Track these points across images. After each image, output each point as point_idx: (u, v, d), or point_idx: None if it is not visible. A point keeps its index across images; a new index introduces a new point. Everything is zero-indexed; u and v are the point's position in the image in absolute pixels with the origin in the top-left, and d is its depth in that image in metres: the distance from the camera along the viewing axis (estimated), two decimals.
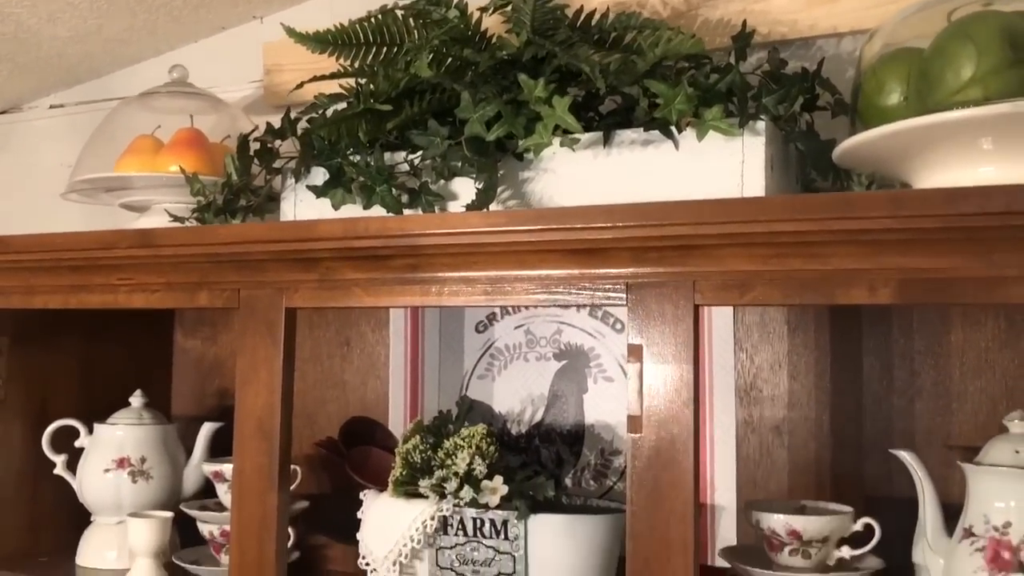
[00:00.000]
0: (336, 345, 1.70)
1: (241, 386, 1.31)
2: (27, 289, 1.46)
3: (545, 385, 1.54)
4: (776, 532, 1.11)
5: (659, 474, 1.06)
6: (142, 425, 1.55)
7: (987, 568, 1.02)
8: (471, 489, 1.21)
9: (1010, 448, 1.05)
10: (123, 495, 1.50)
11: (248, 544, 1.28)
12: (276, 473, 1.27)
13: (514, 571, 1.23)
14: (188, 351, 1.85)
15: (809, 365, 1.38)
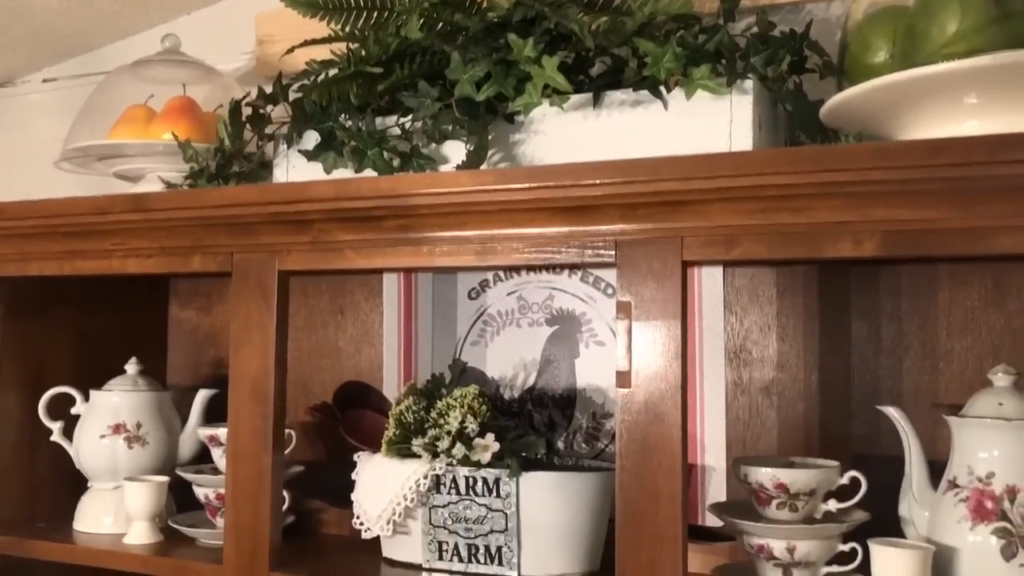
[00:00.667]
0: (330, 314, 1.71)
1: (235, 349, 1.32)
2: (22, 256, 1.47)
3: (537, 350, 1.55)
4: (764, 486, 1.13)
5: (648, 428, 1.08)
6: (137, 391, 1.56)
7: (970, 517, 1.04)
8: (463, 446, 1.22)
9: (994, 400, 1.07)
10: (119, 461, 1.52)
11: (243, 505, 1.29)
12: (270, 435, 1.29)
13: (506, 528, 1.24)
14: (183, 322, 1.86)
15: (798, 327, 1.39)
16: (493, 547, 1.25)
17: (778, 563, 1.12)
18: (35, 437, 1.59)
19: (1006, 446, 1.04)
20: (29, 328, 1.60)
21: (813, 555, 1.11)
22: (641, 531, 1.06)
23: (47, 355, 1.63)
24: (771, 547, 1.11)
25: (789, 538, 1.10)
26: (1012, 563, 1.01)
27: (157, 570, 1.38)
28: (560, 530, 1.25)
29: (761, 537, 1.12)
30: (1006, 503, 1.03)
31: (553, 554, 1.25)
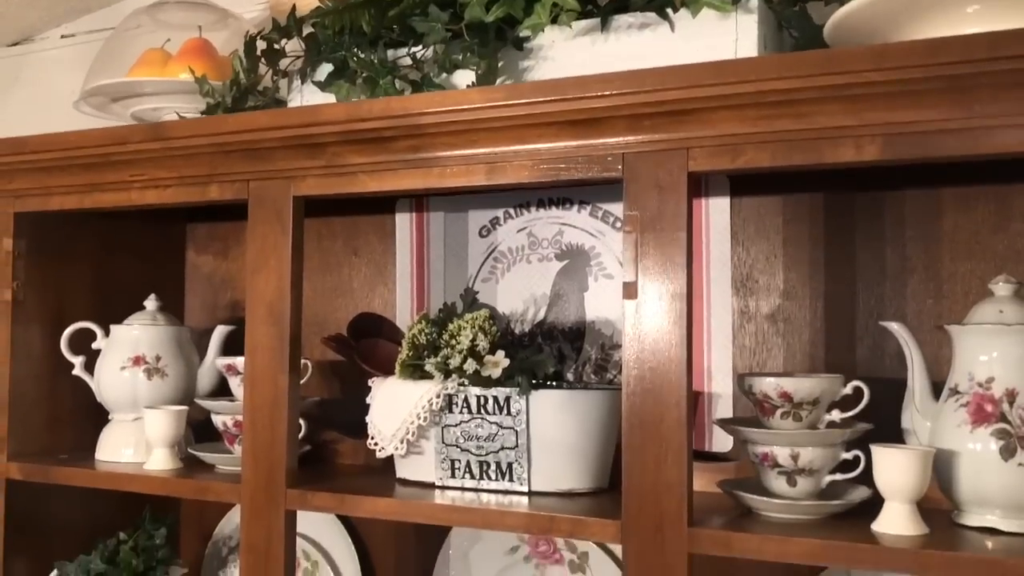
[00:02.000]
0: (344, 255, 1.74)
1: (251, 274, 1.35)
2: (43, 191, 1.51)
3: (547, 285, 1.58)
4: (768, 395, 1.15)
5: (654, 336, 1.10)
6: (156, 325, 1.59)
7: (970, 421, 1.06)
8: (474, 362, 1.25)
9: (994, 308, 1.09)
10: (139, 392, 1.55)
11: (261, 426, 1.33)
12: (287, 356, 1.32)
13: (516, 445, 1.27)
14: (199, 267, 1.89)
15: (803, 256, 1.41)
16: (504, 464, 1.28)
17: (782, 471, 1.14)
18: (57, 371, 1.63)
19: (1006, 350, 1.06)
20: (51, 266, 1.63)
21: (816, 462, 1.13)
22: (647, 436, 1.09)
23: (68, 293, 1.66)
24: (775, 455, 1.13)
25: (793, 444, 1.12)
26: (1011, 463, 1.03)
27: (177, 491, 1.42)
28: (569, 447, 1.28)
29: (765, 445, 1.14)
30: (1005, 405, 1.05)
31: (562, 470, 1.28)
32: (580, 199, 1.55)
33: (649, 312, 1.10)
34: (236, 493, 1.34)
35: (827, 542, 1.01)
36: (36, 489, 1.58)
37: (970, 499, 1.06)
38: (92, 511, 1.67)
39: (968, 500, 1.07)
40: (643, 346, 1.11)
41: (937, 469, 1.08)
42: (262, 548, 1.31)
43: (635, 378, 1.10)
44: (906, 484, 1.03)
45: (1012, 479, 1.03)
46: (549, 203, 1.58)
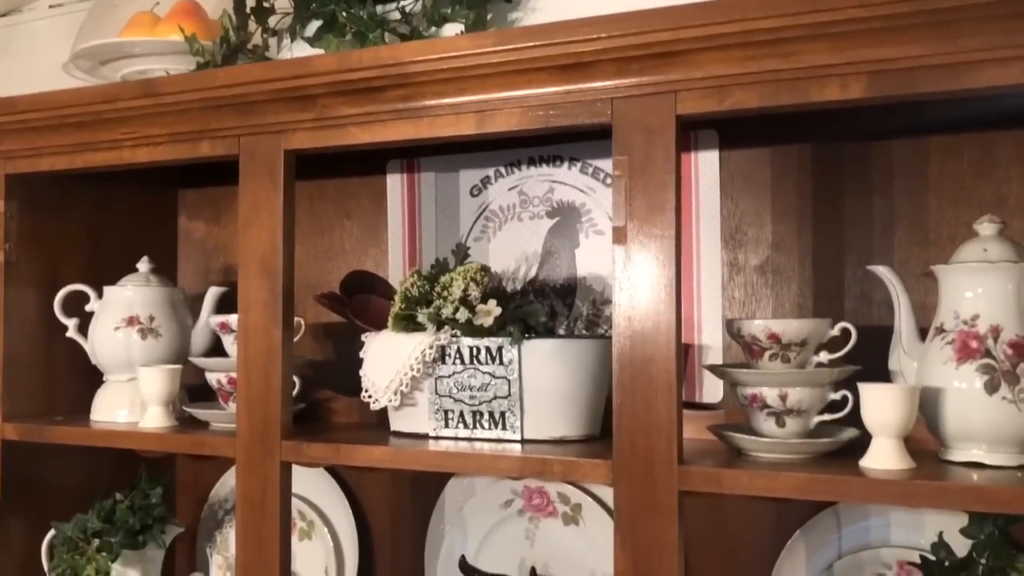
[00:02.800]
0: (336, 218, 1.75)
1: (243, 229, 1.36)
2: (34, 151, 1.51)
3: (538, 243, 1.59)
4: (756, 337, 1.16)
5: (643, 279, 1.11)
6: (150, 286, 1.60)
7: (955, 358, 1.08)
8: (466, 311, 1.26)
9: (979, 247, 1.10)
10: (133, 352, 1.56)
11: (255, 378, 1.34)
12: (280, 309, 1.33)
13: (509, 394, 1.29)
14: (191, 232, 1.90)
15: (792, 208, 1.42)
16: (497, 413, 1.29)
17: (771, 411, 1.15)
18: (51, 334, 1.63)
19: (990, 287, 1.07)
20: (43, 228, 1.64)
21: (805, 403, 1.15)
22: (637, 376, 1.10)
23: (60, 256, 1.67)
24: (764, 395, 1.15)
25: (781, 385, 1.14)
26: (995, 396, 1.05)
27: (172, 446, 1.43)
28: (561, 395, 1.29)
29: (754, 386, 1.16)
30: (990, 341, 1.06)
31: (554, 418, 1.29)
32: (571, 156, 1.56)
33: (639, 256, 1.12)
34: (231, 446, 1.35)
35: (815, 475, 1.03)
36: (32, 450, 1.59)
37: (956, 435, 1.08)
38: (88, 473, 1.68)
39: (954, 436, 1.08)
40: (633, 289, 1.12)
41: (923, 407, 1.10)
42: (258, 500, 1.33)
43: (625, 320, 1.12)
44: (893, 420, 1.04)
45: (996, 413, 1.05)
46: (540, 161, 1.58)
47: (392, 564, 1.67)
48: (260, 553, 1.32)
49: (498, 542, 1.54)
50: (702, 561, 1.43)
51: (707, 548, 1.44)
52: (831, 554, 1.35)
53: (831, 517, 1.35)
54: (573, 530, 1.51)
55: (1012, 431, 1.05)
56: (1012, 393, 1.04)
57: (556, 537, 1.51)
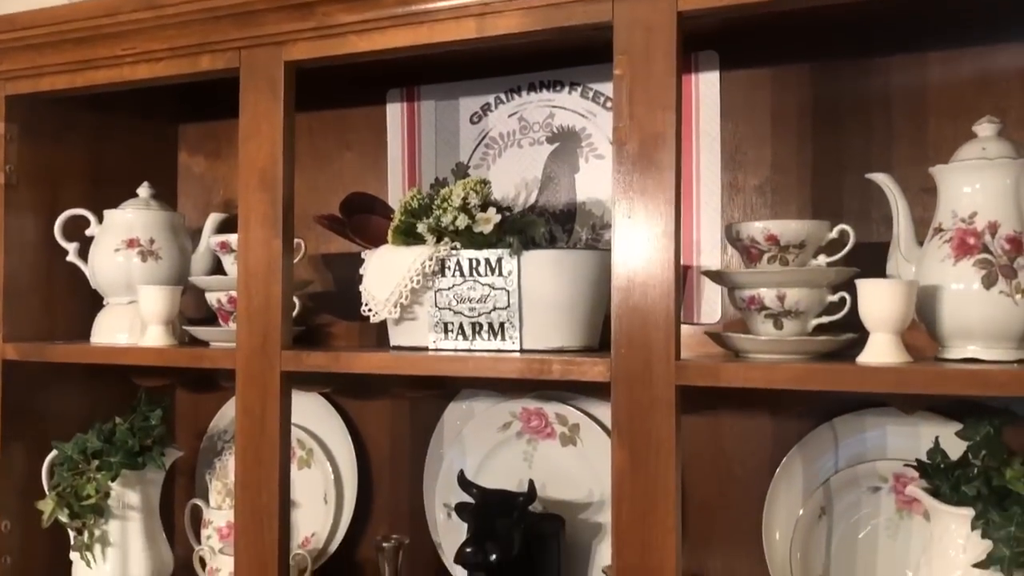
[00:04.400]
0: (336, 149, 1.75)
1: (244, 142, 1.36)
2: (34, 71, 1.51)
3: (538, 169, 1.59)
4: (755, 240, 1.17)
5: (643, 178, 1.11)
6: (150, 210, 1.60)
7: (953, 255, 1.08)
8: (466, 217, 1.26)
9: (978, 147, 1.10)
10: (133, 275, 1.56)
11: (255, 290, 1.34)
12: (280, 221, 1.33)
13: (508, 305, 1.29)
14: (191, 167, 1.90)
15: (791, 128, 1.42)
16: (496, 324, 1.30)
17: (769, 313, 1.16)
18: (51, 258, 1.64)
19: (988, 183, 1.07)
20: (43, 153, 1.64)
21: (803, 304, 1.15)
22: (635, 273, 1.10)
23: (61, 181, 1.67)
24: (762, 297, 1.15)
25: (779, 285, 1.14)
26: (992, 291, 1.05)
27: (172, 361, 1.44)
28: (560, 306, 1.29)
29: (752, 287, 1.16)
30: (987, 237, 1.07)
31: (553, 329, 1.29)
32: (571, 80, 1.56)
33: (638, 152, 1.12)
34: (231, 359, 1.36)
35: (812, 366, 1.04)
36: (32, 374, 1.60)
37: (953, 332, 1.08)
38: (88, 402, 1.69)
39: (951, 334, 1.09)
40: (632, 189, 1.12)
41: (921, 309, 1.10)
42: (258, 412, 1.33)
43: (624, 211, 1.12)
44: (890, 315, 1.05)
45: (993, 309, 1.05)
46: (540, 86, 1.59)
47: (391, 490, 1.68)
48: (259, 465, 1.33)
49: (496, 464, 1.55)
50: (698, 480, 1.44)
51: (703, 468, 1.45)
52: (828, 468, 1.35)
53: (828, 432, 1.36)
54: (571, 451, 1.52)
55: (1009, 326, 1.05)
56: (1009, 287, 1.05)
57: (554, 458, 1.52)
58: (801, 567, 1.33)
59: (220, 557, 1.52)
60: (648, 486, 1.09)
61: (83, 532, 1.52)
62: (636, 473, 1.10)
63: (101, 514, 1.53)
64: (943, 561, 1.11)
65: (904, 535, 1.30)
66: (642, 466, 1.09)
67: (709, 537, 1.44)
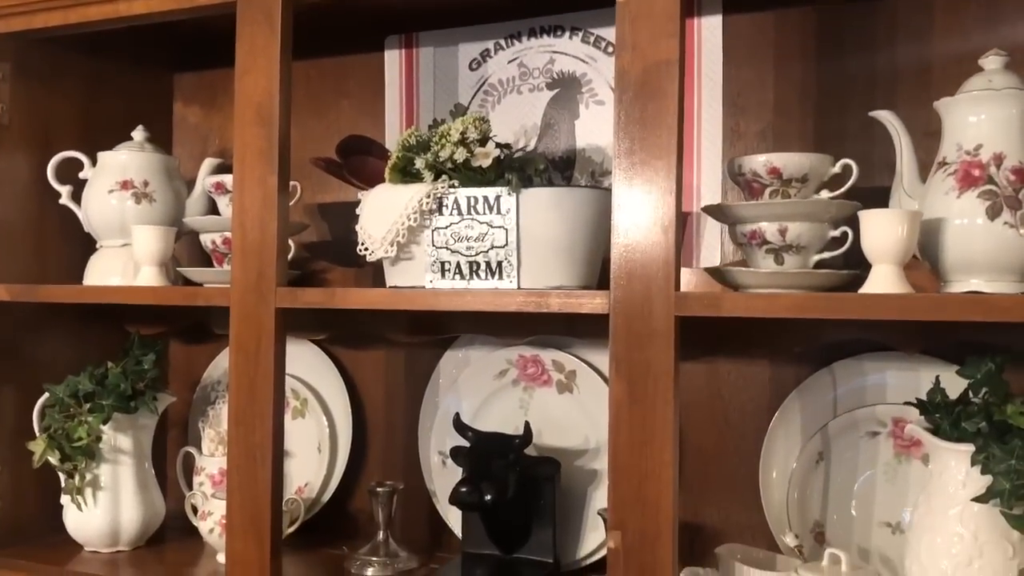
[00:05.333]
0: (333, 97, 1.73)
1: (240, 77, 1.34)
2: (26, 7, 1.48)
3: (537, 115, 1.57)
4: (757, 173, 1.15)
5: (645, 105, 1.10)
6: (144, 152, 1.58)
7: (957, 187, 1.07)
8: (464, 151, 1.24)
9: (984, 79, 1.09)
10: (127, 217, 1.54)
11: (251, 227, 1.32)
12: (275, 156, 1.31)
13: (506, 243, 1.27)
14: (187, 118, 1.88)
15: (795, 72, 1.41)
16: (494, 263, 1.28)
17: (770, 248, 1.15)
18: (43, 202, 1.62)
19: (994, 114, 1.06)
20: (37, 94, 1.61)
21: (804, 238, 1.14)
22: (636, 197, 1.09)
23: (54, 128, 1.65)
24: (763, 231, 1.14)
25: (781, 218, 1.13)
26: (996, 222, 1.04)
27: (166, 299, 1.42)
28: (558, 244, 1.27)
29: (753, 221, 1.15)
30: (992, 169, 1.05)
31: (551, 268, 1.27)
32: (572, 25, 1.54)
33: (640, 81, 1.10)
34: (225, 296, 1.34)
35: (813, 295, 1.02)
36: (23, 315, 1.58)
37: (955, 266, 1.07)
38: (80, 346, 1.67)
39: (953, 268, 1.08)
40: (634, 114, 1.10)
41: (924, 243, 1.09)
42: (252, 349, 1.32)
43: (625, 142, 1.10)
44: (893, 245, 1.04)
45: (997, 240, 1.04)
46: (540, 32, 1.57)
47: (386, 439, 1.67)
48: (253, 403, 1.31)
49: (492, 412, 1.54)
50: (695, 427, 1.43)
51: (700, 415, 1.44)
52: (826, 414, 1.35)
53: (826, 376, 1.35)
54: (567, 398, 1.51)
55: (1012, 258, 1.04)
56: (1014, 218, 1.03)
57: (550, 406, 1.51)
58: (798, 513, 1.33)
59: (212, 502, 1.51)
60: (646, 418, 1.08)
61: (74, 476, 1.51)
62: (634, 406, 1.09)
63: (92, 457, 1.51)
64: (942, 498, 1.10)
65: (902, 480, 1.30)
66: (640, 398, 1.08)
67: (705, 485, 1.44)
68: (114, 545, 1.54)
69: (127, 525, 1.54)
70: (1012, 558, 1.05)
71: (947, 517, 1.09)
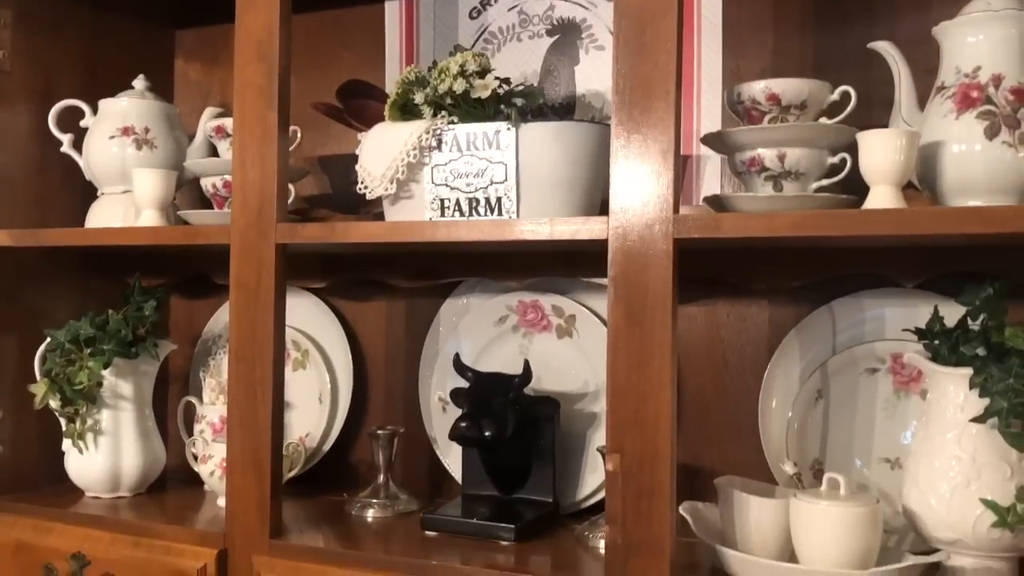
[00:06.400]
0: (333, 49, 1.73)
1: (241, 13, 1.34)
2: None
3: (537, 62, 1.57)
4: (756, 100, 1.15)
5: (644, 29, 1.10)
6: (145, 100, 1.59)
7: (956, 109, 1.07)
8: (464, 82, 1.25)
9: (983, 2, 1.08)
10: (128, 163, 1.55)
11: (250, 163, 1.33)
12: (275, 92, 1.32)
13: (505, 179, 1.27)
14: (188, 74, 1.88)
15: (793, 13, 1.41)
16: (493, 199, 1.28)
17: (769, 175, 1.15)
18: (45, 151, 1.62)
19: (993, 35, 1.06)
20: (38, 43, 1.62)
21: (803, 164, 1.14)
22: (634, 114, 1.09)
23: (55, 78, 1.65)
24: (762, 157, 1.14)
25: (780, 144, 1.13)
26: (995, 141, 1.04)
27: (166, 239, 1.42)
28: (558, 179, 1.27)
29: (752, 148, 1.15)
30: (991, 89, 1.05)
31: (550, 203, 1.27)
32: None
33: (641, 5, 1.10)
34: (226, 234, 1.34)
35: (812, 212, 1.02)
36: (25, 262, 1.59)
37: (954, 188, 1.07)
38: (81, 297, 1.68)
39: (951, 190, 1.07)
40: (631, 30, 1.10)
41: (922, 169, 1.09)
42: (252, 284, 1.32)
43: (624, 59, 1.11)
44: (892, 165, 1.04)
45: (996, 161, 1.04)
46: None
47: (386, 389, 1.67)
48: (253, 339, 1.32)
49: (492, 359, 1.54)
50: (694, 370, 1.44)
51: (699, 357, 1.44)
52: (825, 352, 1.35)
53: (825, 314, 1.35)
54: (567, 342, 1.51)
55: (1011, 177, 1.04)
56: (1012, 137, 1.03)
57: (550, 351, 1.51)
58: (797, 451, 1.33)
59: (213, 445, 1.51)
60: (644, 340, 1.08)
61: (75, 420, 1.52)
62: (632, 328, 1.09)
63: (93, 402, 1.52)
64: (940, 424, 1.10)
65: (901, 415, 1.30)
66: (638, 321, 1.08)
67: (705, 428, 1.44)
68: (115, 490, 1.55)
69: (128, 471, 1.54)
70: (1010, 478, 1.05)
71: (945, 441, 1.09)
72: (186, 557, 1.34)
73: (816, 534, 1.08)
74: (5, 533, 1.48)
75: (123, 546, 1.39)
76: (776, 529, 1.13)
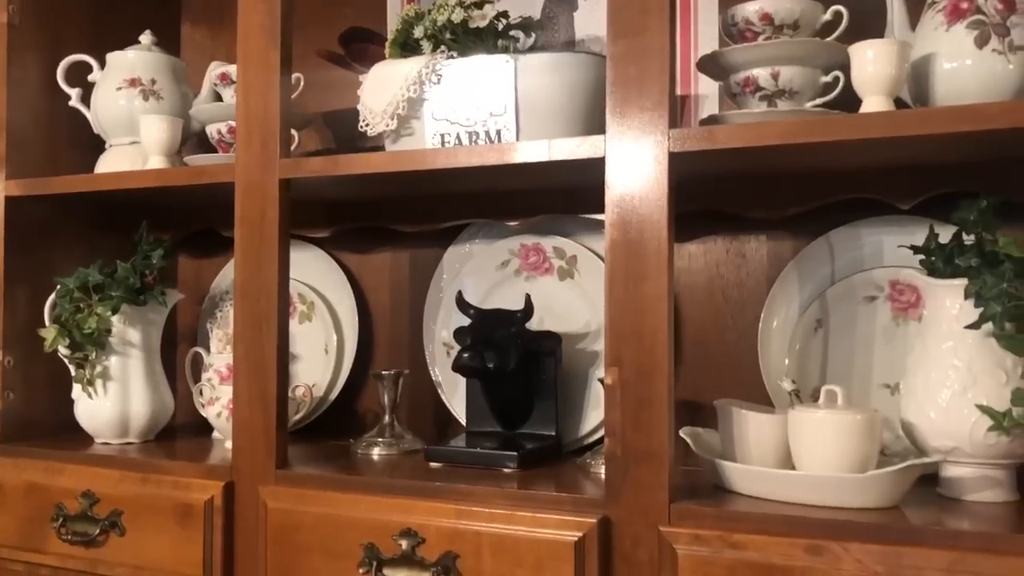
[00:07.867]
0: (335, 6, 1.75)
1: None
2: None
3: (537, 9, 1.59)
4: (750, 21, 1.17)
5: None
6: (152, 52, 1.61)
7: (946, 21, 1.08)
8: (462, 11, 1.27)
9: None
10: (135, 114, 1.57)
11: (254, 102, 1.35)
12: (278, 32, 1.34)
13: (504, 111, 1.29)
14: (193, 37, 1.91)
15: None
16: (493, 131, 1.30)
17: (764, 95, 1.16)
18: (53, 105, 1.65)
19: None
20: (45, 5, 1.65)
21: (796, 82, 1.15)
22: (628, 53, 1.11)
23: (64, 28, 1.68)
24: (756, 77, 1.16)
25: (773, 62, 1.15)
26: (985, 49, 1.05)
27: (172, 180, 1.44)
28: (557, 111, 1.29)
29: (746, 68, 1.16)
30: (980, 0, 1.07)
31: (550, 133, 1.28)
32: None
33: None
34: (230, 172, 1.37)
35: (805, 119, 1.04)
36: (35, 213, 1.61)
37: (946, 100, 1.08)
38: (89, 250, 1.70)
39: (944, 102, 1.09)
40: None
41: (915, 88, 1.11)
42: (256, 219, 1.34)
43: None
44: (884, 76, 1.05)
45: (987, 71, 1.05)
46: None
47: (391, 336, 1.69)
48: (259, 273, 1.34)
49: (495, 304, 1.55)
50: (693, 307, 1.45)
51: (698, 295, 1.45)
52: (824, 281, 1.36)
53: (823, 244, 1.36)
54: (568, 284, 1.52)
55: (1000, 88, 1.05)
56: (1002, 45, 1.05)
57: (552, 293, 1.53)
58: (797, 379, 1.33)
59: (220, 388, 1.53)
60: (641, 254, 1.09)
61: (84, 366, 1.54)
62: (630, 244, 1.10)
63: (103, 348, 1.54)
64: (936, 336, 1.11)
65: (900, 342, 1.30)
66: (636, 238, 1.10)
67: (705, 364, 1.45)
68: (124, 436, 1.57)
69: (136, 417, 1.56)
70: (1005, 384, 1.06)
71: (941, 352, 1.10)
72: (193, 490, 1.36)
73: (815, 443, 1.09)
74: (16, 475, 1.50)
75: (131, 483, 1.41)
76: (775, 443, 1.14)
